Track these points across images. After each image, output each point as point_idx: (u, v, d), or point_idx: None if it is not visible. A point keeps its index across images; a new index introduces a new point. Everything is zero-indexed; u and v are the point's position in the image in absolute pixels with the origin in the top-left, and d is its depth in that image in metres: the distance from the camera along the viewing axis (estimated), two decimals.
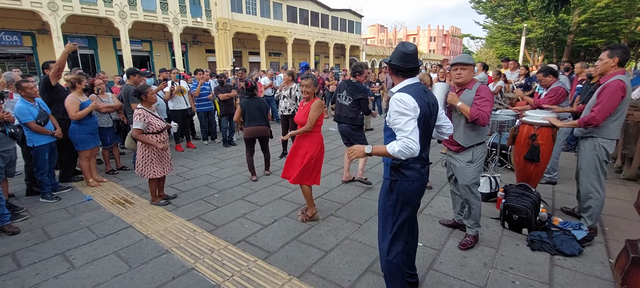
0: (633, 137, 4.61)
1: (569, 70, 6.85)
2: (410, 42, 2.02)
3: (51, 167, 4.26)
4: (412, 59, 1.96)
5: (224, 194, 4.34)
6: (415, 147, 1.79)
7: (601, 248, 2.95)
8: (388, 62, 2.00)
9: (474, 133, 2.76)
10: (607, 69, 2.92)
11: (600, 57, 3.01)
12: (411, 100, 1.84)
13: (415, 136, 1.80)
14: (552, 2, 5.41)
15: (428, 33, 69.28)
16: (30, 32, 17.65)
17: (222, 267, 2.70)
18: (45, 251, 3.00)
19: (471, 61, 2.77)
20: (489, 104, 2.65)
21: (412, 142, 1.79)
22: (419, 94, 1.90)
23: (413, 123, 1.82)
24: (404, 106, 1.83)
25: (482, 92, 2.69)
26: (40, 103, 4.16)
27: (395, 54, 2.00)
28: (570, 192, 4.14)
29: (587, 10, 17.81)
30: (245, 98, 4.88)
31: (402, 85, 1.97)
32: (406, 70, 1.96)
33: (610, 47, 2.94)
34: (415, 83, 1.97)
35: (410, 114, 1.82)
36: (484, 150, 2.89)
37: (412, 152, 1.79)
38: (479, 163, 2.84)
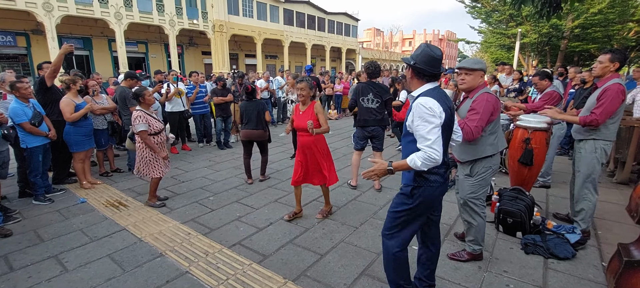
0: (625, 141, 4.67)
1: (563, 75, 6.94)
2: (436, 46, 1.95)
3: (45, 169, 4.21)
4: (438, 63, 1.90)
5: (219, 197, 4.32)
6: (438, 157, 1.75)
7: (594, 251, 2.97)
8: (412, 64, 1.90)
9: (470, 147, 2.58)
10: (607, 72, 2.92)
11: (599, 59, 2.96)
12: (437, 105, 1.79)
13: (439, 145, 1.76)
14: (545, 8, 5.48)
15: (424, 37, 69.69)
16: (24, 33, 17.51)
17: (217, 271, 2.69)
18: (37, 254, 2.96)
19: (477, 66, 2.55)
20: (478, 117, 2.43)
21: (435, 152, 1.74)
22: (442, 98, 1.85)
23: (437, 131, 1.77)
24: (430, 112, 1.77)
25: (475, 102, 2.50)
26: (35, 104, 4.12)
27: (421, 57, 1.89)
28: (564, 195, 4.17)
29: (581, 16, 18.03)
30: (245, 101, 4.89)
31: (424, 89, 1.90)
32: (431, 74, 1.90)
33: (612, 51, 2.91)
34: (437, 87, 1.92)
35: (435, 121, 1.77)
36: (489, 166, 2.59)
37: (436, 162, 1.75)
38: (481, 179, 2.61)
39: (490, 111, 2.47)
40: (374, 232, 3.33)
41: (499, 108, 2.55)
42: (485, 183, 2.64)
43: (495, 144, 2.58)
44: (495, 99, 2.53)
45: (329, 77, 11.79)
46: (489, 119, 2.48)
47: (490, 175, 2.66)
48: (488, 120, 2.48)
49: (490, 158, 2.59)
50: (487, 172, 2.61)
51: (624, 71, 24.02)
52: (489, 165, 2.60)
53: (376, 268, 2.71)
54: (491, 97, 2.50)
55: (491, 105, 2.48)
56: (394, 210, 2.04)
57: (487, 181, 2.66)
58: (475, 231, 2.71)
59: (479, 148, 2.56)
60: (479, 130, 2.45)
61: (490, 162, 2.59)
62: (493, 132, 2.57)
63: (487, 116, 2.46)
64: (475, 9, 22.97)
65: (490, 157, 2.58)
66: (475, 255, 2.79)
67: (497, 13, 21.77)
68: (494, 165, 2.63)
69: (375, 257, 2.88)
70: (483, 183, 2.63)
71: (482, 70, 2.57)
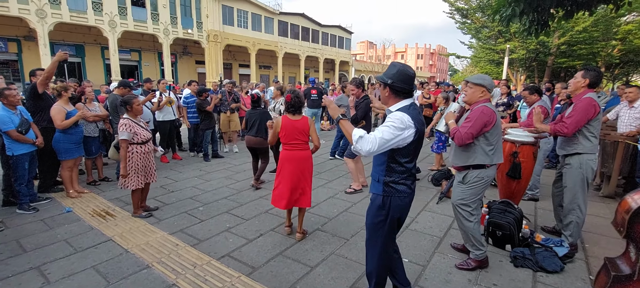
0: (611, 155, 4.78)
1: (550, 91, 7.11)
2: (409, 65, 2.11)
3: (30, 177, 4.12)
4: (412, 81, 2.04)
5: (208, 207, 4.27)
6: (372, 149, 1.84)
7: (582, 265, 3.00)
8: (389, 83, 1.98)
9: (463, 154, 2.71)
10: (578, 88, 3.05)
11: (575, 75, 3.13)
12: (409, 120, 1.90)
13: (380, 145, 1.86)
14: (533, 26, 5.65)
15: (415, 51, 70.97)
16: (16, 39, 17.32)
17: (205, 283, 2.64)
18: (19, 265, 2.87)
19: (479, 81, 2.69)
20: (470, 124, 2.59)
21: (373, 144, 1.83)
22: (415, 115, 1.97)
23: (391, 137, 1.87)
24: (400, 122, 1.89)
25: (472, 112, 2.65)
26: (22, 111, 4.05)
27: (398, 75, 1.98)
28: (552, 208, 4.22)
29: (566, 33, 18.61)
30: (250, 109, 5.07)
31: (401, 105, 2.01)
32: (408, 91, 2.03)
33: (586, 68, 3.05)
34: (412, 103, 2.04)
35: (396, 132, 1.88)
36: (482, 177, 2.68)
37: (367, 152, 1.86)
38: (473, 188, 2.71)
39: (484, 122, 2.57)
40: (365, 244, 3.31)
41: (494, 122, 2.58)
42: (475, 193, 2.73)
43: (489, 155, 2.65)
44: (491, 112, 2.60)
45: (322, 88, 11.88)
46: (481, 128, 2.58)
47: (483, 187, 2.72)
48: (480, 130, 2.59)
49: (484, 169, 2.67)
50: (479, 182, 2.69)
51: (609, 87, 24.72)
52: (482, 176, 2.68)
53: (366, 281, 2.69)
54: (487, 110, 2.60)
55: (486, 116, 2.57)
56: (371, 222, 2.16)
57: (478, 192, 2.73)
58: (469, 235, 2.80)
59: (470, 155, 2.68)
60: (469, 136, 2.58)
61: (483, 173, 2.68)
62: (488, 143, 2.64)
63: (479, 125, 2.57)
64: (465, 24, 23.55)
65: (483, 167, 2.67)
66: (481, 262, 2.85)
67: (487, 29, 22.34)
68: (487, 177, 2.69)
69: None
70: (473, 192, 2.72)
71: (483, 86, 2.69)
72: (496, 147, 2.68)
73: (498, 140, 2.70)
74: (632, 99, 4.75)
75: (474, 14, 21.92)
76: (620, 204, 2.38)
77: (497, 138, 2.68)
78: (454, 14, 22.99)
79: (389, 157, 1.99)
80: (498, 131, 2.67)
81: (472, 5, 21.55)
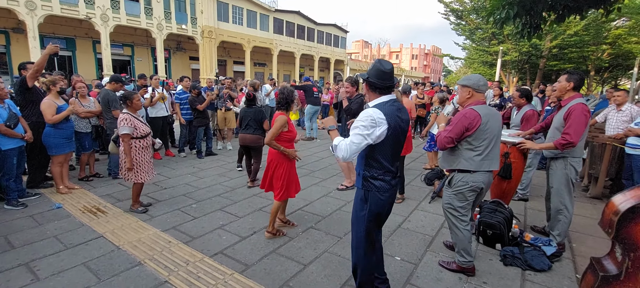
0: (598, 157, 4.88)
1: (543, 93, 7.22)
2: (388, 61, 2.08)
3: (19, 172, 4.05)
4: (389, 77, 2.03)
5: (202, 204, 4.25)
6: (346, 156, 1.94)
7: (569, 264, 3.07)
8: (365, 79, 2.06)
9: (450, 157, 2.70)
10: (564, 91, 3.11)
11: (559, 79, 3.19)
12: (380, 118, 1.93)
13: (353, 150, 1.94)
14: (526, 28, 5.73)
15: (410, 51, 71.31)
16: (4, 30, 16.94)
17: (198, 280, 2.63)
18: (7, 261, 2.83)
19: (464, 82, 2.65)
20: (450, 128, 2.59)
21: (346, 151, 1.94)
22: (391, 111, 1.98)
23: (360, 139, 1.93)
24: (365, 120, 1.93)
25: (456, 116, 2.64)
26: (10, 105, 3.98)
27: (373, 71, 2.05)
28: (541, 208, 4.30)
29: (558, 36, 18.92)
30: (245, 107, 5.07)
31: (377, 102, 2.04)
32: (383, 87, 2.04)
33: (569, 72, 3.11)
34: (390, 100, 2.05)
35: (364, 132, 1.92)
36: (466, 182, 2.60)
37: (341, 157, 1.96)
38: (457, 192, 2.66)
39: (465, 126, 2.52)
40: None
41: (477, 126, 2.49)
42: (462, 198, 2.66)
43: (474, 160, 2.55)
44: (475, 116, 2.50)
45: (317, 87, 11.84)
46: (462, 133, 2.54)
47: (470, 192, 2.63)
48: (461, 134, 2.55)
49: (469, 174, 2.59)
50: (464, 186, 2.62)
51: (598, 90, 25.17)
52: (467, 180, 2.60)
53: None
54: (470, 114, 2.52)
55: (467, 120, 2.51)
56: (354, 216, 2.22)
57: (465, 197, 2.65)
58: (459, 242, 2.76)
59: (453, 159, 2.68)
60: (449, 140, 2.59)
61: (468, 177, 2.60)
62: (471, 148, 2.56)
63: (459, 130, 2.54)
64: (460, 26, 23.75)
65: (468, 172, 2.60)
66: (464, 268, 2.78)
67: (480, 31, 22.57)
68: (473, 183, 2.59)
69: None
70: (459, 197, 2.67)
71: (468, 86, 2.64)
72: (485, 153, 2.55)
73: (487, 146, 2.55)
74: (620, 103, 4.85)
75: (469, 15, 22.12)
76: (607, 206, 2.43)
77: (484, 143, 2.54)
78: (449, 15, 23.18)
79: (366, 152, 2.05)
80: (485, 136, 2.53)
81: (466, 6, 21.74)
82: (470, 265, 2.78)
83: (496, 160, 2.66)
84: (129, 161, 3.71)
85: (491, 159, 2.61)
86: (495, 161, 2.65)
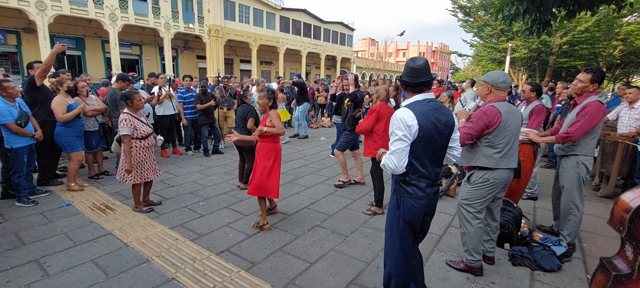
0: (610, 156, 4.78)
1: (553, 90, 7.09)
2: (420, 57, 2.01)
3: (29, 170, 4.12)
4: (421, 73, 1.93)
5: (208, 202, 4.28)
6: (393, 167, 1.86)
7: (579, 264, 3.02)
8: (398, 78, 2.02)
9: (468, 153, 2.66)
10: (586, 89, 3.02)
11: (578, 77, 3.08)
12: (409, 117, 1.84)
13: (396, 157, 1.85)
14: (535, 25, 5.63)
15: (417, 49, 70.76)
16: (15, 30, 17.24)
17: (204, 278, 2.65)
18: (18, 257, 2.88)
19: (484, 78, 2.64)
20: (470, 125, 2.55)
21: (391, 162, 1.86)
22: (425, 111, 1.87)
23: (399, 144, 1.85)
24: (396, 124, 1.86)
25: (476, 112, 2.60)
26: (21, 104, 4.05)
27: (404, 70, 2.00)
28: (551, 208, 4.23)
29: (568, 33, 18.55)
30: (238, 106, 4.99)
31: (409, 101, 1.96)
32: (415, 84, 1.94)
33: (591, 70, 3.02)
34: (425, 99, 1.94)
35: (399, 134, 1.84)
36: (487, 179, 2.58)
37: (391, 169, 1.88)
38: (477, 189, 2.63)
39: (485, 123, 2.50)
40: (364, 240, 3.33)
41: (497, 124, 2.48)
42: (480, 195, 2.63)
43: (493, 158, 2.54)
44: (496, 113, 2.49)
45: (324, 85, 11.83)
46: (482, 130, 2.52)
47: (489, 189, 2.61)
48: (481, 131, 2.53)
49: (490, 171, 2.57)
50: (484, 183, 2.60)
51: (610, 87, 24.70)
52: (487, 177, 2.58)
53: (365, 278, 2.70)
54: (491, 111, 2.51)
55: (487, 118, 2.49)
56: (388, 221, 2.14)
57: (484, 194, 2.63)
58: (467, 239, 2.72)
59: (472, 156, 2.64)
60: (468, 137, 2.55)
61: (489, 174, 2.58)
62: (490, 145, 2.55)
63: (479, 127, 2.52)
64: (468, 23, 23.45)
65: (488, 169, 2.58)
66: (472, 268, 2.75)
67: (489, 27, 22.25)
68: (493, 179, 2.58)
69: (364, 266, 2.87)
70: (479, 193, 2.64)
71: (487, 83, 2.64)
72: (505, 151, 2.53)
73: (507, 144, 2.54)
74: (632, 100, 4.74)
75: (477, 12, 21.82)
76: (616, 204, 2.38)
77: (504, 141, 2.53)
78: (457, 11, 22.88)
79: None
80: (505, 133, 2.52)
81: (475, 3, 21.46)
82: (479, 265, 2.75)
83: (515, 157, 2.65)
84: (128, 163, 3.67)
85: (510, 157, 2.60)
86: (515, 159, 2.64)
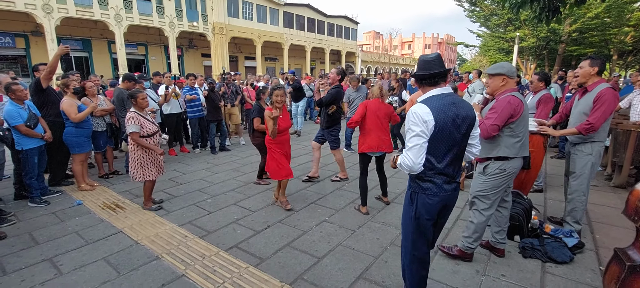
0: (622, 145, 4.68)
1: (563, 79, 6.95)
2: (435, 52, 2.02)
3: (40, 171, 4.19)
4: (433, 65, 1.89)
5: (216, 199, 4.31)
6: (410, 164, 1.81)
7: (591, 255, 2.97)
8: (412, 74, 2.00)
9: (487, 145, 2.63)
10: (588, 77, 3.02)
11: (580, 65, 3.10)
12: (425, 113, 1.80)
13: (414, 153, 1.80)
14: (543, 12, 5.50)
15: (423, 40, 70.02)
16: (23, 34, 17.48)
17: (214, 274, 2.67)
18: (32, 257, 2.94)
19: (496, 70, 2.61)
20: (495, 116, 2.50)
21: (408, 159, 1.81)
22: (442, 106, 1.83)
23: (416, 140, 1.80)
24: (413, 119, 1.82)
25: (497, 102, 2.57)
26: (30, 106, 4.11)
27: (417, 64, 1.98)
28: (561, 199, 4.17)
29: (578, 20, 18.13)
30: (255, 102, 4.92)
31: (425, 96, 1.91)
32: (429, 77, 1.90)
33: (591, 58, 3.05)
34: (443, 94, 1.88)
35: (416, 130, 1.80)
36: (504, 169, 2.57)
37: (409, 168, 1.83)
38: (494, 179, 2.61)
39: (510, 113, 2.49)
40: (372, 235, 3.32)
41: (520, 112, 2.49)
42: (496, 185, 2.62)
43: (515, 147, 2.55)
44: (518, 102, 2.50)
45: None
46: (507, 119, 2.50)
47: (505, 179, 2.61)
48: (506, 120, 2.51)
49: (507, 160, 2.57)
50: (500, 174, 2.59)
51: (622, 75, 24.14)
52: (504, 168, 2.58)
53: (374, 272, 2.70)
54: (514, 100, 2.50)
55: (512, 107, 2.48)
56: (403, 216, 2.13)
57: (499, 184, 2.62)
58: (474, 229, 2.72)
59: (494, 147, 2.60)
60: (495, 128, 2.50)
61: (506, 165, 2.57)
62: (513, 135, 2.55)
63: (505, 116, 2.49)
64: (474, 12, 23.08)
65: (506, 159, 2.57)
66: (465, 254, 2.82)
67: (496, 17, 21.87)
68: (509, 169, 2.59)
69: (372, 261, 2.86)
70: (494, 184, 2.63)
71: (501, 74, 2.61)
72: (523, 138, 2.57)
73: (525, 132, 2.59)
74: None
75: (483, 1, 21.46)
76: (631, 193, 2.33)
77: (523, 130, 2.57)
78: (463, 1, 22.53)
79: None
80: (524, 122, 2.56)
81: None
82: (471, 252, 2.83)
83: (528, 146, 2.68)
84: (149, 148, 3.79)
85: (526, 145, 2.64)
86: (527, 147, 2.67)
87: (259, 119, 4.43)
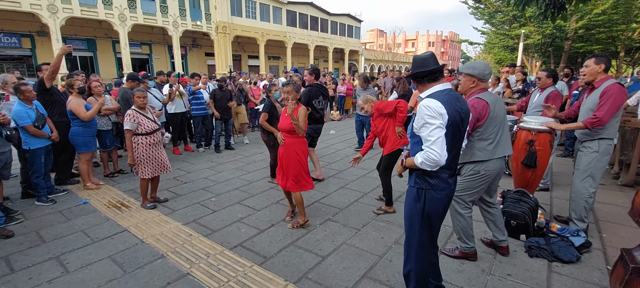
0: (630, 143, 4.62)
1: (569, 77, 6.87)
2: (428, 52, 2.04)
3: (47, 170, 4.23)
4: (430, 61, 1.91)
5: (221, 198, 4.32)
6: (438, 158, 1.76)
7: (599, 254, 2.94)
8: (411, 76, 1.97)
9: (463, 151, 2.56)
10: (595, 75, 3.01)
11: (585, 63, 3.08)
12: (438, 106, 1.78)
13: (439, 146, 1.76)
14: (549, 9, 5.44)
15: (427, 38, 69.61)
16: (29, 34, 17.64)
17: (218, 273, 2.68)
18: (39, 255, 2.97)
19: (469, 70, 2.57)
20: None
21: (434, 153, 1.76)
22: (449, 100, 1.83)
23: (438, 132, 1.77)
24: (429, 113, 1.79)
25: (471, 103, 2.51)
26: (38, 106, 4.14)
27: (413, 64, 1.98)
28: (568, 197, 4.12)
29: (584, 16, 17.93)
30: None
31: (430, 91, 1.90)
32: (428, 73, 1.90)
33: (596, 55, 3.03)
34: (446, 89, 1.90)
35: (435, 122, 1.77)
36: (477, 171, 2.55)
37: (435, 162, 1.77)
38: (467, 181, 2.60)
39: (475, 117, 2.46)
40: (376, 234, 3.31)
41: (486, 115, 2.45)
42: (471, 186, 2.61)
43: (487, 150, 2.52)
44: (484, 105, 2.46)
45: (331, 78, 11.77)
46: (473, 125, 2.48)
47: (480, 181, 2.58)
48: (472, 126, 2.49)
49: (481, 163, 2.54)
50: (474, 175, 2.57)
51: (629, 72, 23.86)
52: (477, 169, 2.56)
53: (378, 271, 2.69)
54: (478, 103, 2.46)
55: (476, 111, 2.46)
56: (407, 215, 2.07)
57: (475, 186, 2.60)
58: (459, 228, 2.73)
59: (466, 152, 2.58)
60: None
61: (479, 166, 2.55)
62: (482, 138, 2.52)
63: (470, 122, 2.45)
64: (479, 9, 22.92)
65: (479, 161, 2.54)
66: (467, 254, 2.79)
67: (501, 14, 21.71)
68: (484, 171, 2.54)
69: (377, 260, 2.86)
70: (468, 185, 2.61)
71: (472, 76, 2.55)
72: (496, 140, 2.51)
73: (498, 132, 2.52)
74: None
75: None
76: (637, 194, 2.30)
77: (495, 130, 2.51)
78: None
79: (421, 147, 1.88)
80: (496, 123, 2.50)
81: None
82: (472, 251, 2.79)
83: (508, 144, 2.62)
84: (130, 157, 3.78)
85: (503, 145, 2.57)
86: (508, 146, 2.61)
87: (266, 115, 4.43)
